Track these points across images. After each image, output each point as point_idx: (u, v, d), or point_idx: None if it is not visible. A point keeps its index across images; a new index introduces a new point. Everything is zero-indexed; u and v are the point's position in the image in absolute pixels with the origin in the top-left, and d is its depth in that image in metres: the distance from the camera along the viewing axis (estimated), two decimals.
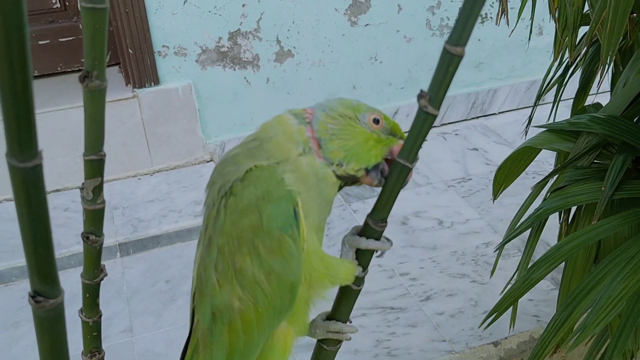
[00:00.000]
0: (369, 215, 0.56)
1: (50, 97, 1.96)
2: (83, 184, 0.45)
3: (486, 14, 2.25)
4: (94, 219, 0.48)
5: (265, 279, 0.51)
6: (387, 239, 0.57)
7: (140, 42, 1.91)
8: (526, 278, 0.84)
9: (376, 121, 0.56)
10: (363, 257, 0.57)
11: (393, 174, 0.53)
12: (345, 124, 0.55)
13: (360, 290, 0.59)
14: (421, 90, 0.46)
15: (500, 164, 1.11)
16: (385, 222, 0.56)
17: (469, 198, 1.92)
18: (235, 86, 2.10)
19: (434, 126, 2.35)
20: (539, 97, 1.36)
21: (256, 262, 0.50)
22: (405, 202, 1.92)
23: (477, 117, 2.41)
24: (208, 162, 2.11)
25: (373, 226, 0.56)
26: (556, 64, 1.25)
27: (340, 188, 0.56)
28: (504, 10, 0.97)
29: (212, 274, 0.51)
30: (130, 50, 1.91)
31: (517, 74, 2.39)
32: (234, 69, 2.07)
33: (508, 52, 2.34)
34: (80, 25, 2.03)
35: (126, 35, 1.89)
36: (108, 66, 2.15)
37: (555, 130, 1.03)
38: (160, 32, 1.94)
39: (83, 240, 0.49)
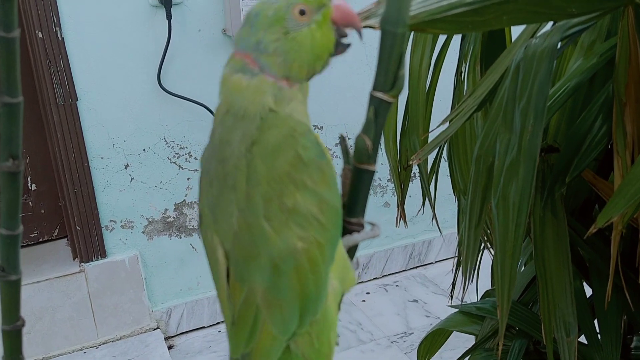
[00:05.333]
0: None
1: None
2: None
3: (414, 173, 2.45)
4: None
5: (319, 210, 0.49)
6: (372, 223, 0.56)
7: (88, 218, 2.00)
8: None
9: (302, 12, 0.50)
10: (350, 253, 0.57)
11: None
12: (287, 47, 0.50)
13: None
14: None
15: (420, 342, 1.20)
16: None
17: (411, 354, 1.98)
18: (182, 253, 2.18)
19: (376, 277, 2.46)
20: (457, 268, 1.48)
21: (307, 196, 0.48)
22: None
23: (416, 267, 2.54)
24: (154, 329, 2.13)
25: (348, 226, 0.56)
26: None
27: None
28: (401, 216, 1.11)
29: (263, 225, 0.48)
30: (77, 227, 1.99)
31: (448, 224, 2.55)
32: (180, 237, 2.16)
33: (438, 206, 2.51)
34: (29, 203, 2.12)
35: (74, 213, 1.98)
36: (56, 239, 2.22)
37: (465, 312, 1.14)
38: (108, 208, 2.04)
39: None
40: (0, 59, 0.35)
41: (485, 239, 1.14)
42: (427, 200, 1.39)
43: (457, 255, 1.29)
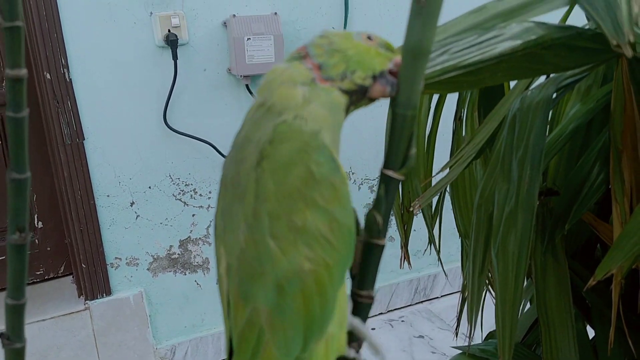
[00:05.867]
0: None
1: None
2: None
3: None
4: None
5: (329, 230, 0.47)
6: (376, 349, 0.54)
7: (93, 256, 2.01)
8: None
9: (370, 38, 0.53)
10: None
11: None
12: (341, 40, 0.52)
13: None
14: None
15: None
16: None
17: None
18: (186, 290, 2.18)
19: (381, 313, 2.45)
20: (462, 305, 1.47)
21: (317, 215, 0.47)
22: None
23: (422, 302, 2.53)
24: None
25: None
26: None
27: (348, 110, 0.53)
28: (406, 257, 1.12)
29: (269, 244, 0.46)
30: (83, 265, 2.00)
31: (453, 258, 2.55)
32: (185, 274, 2.17)
33: (443, 240, 2.51)
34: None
35: (80, 251, 1.99)
36: (62, 276, 2.23)
37: (470, 354, 1.13)
38: (113, 246, 2.05)
39: None
40: (9, 137, 0.37)
41: (487, 282, 1.14)
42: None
43: (462, 290, 1.29)
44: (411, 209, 0.79)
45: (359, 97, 0.52)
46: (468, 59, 0.54)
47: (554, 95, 0.72)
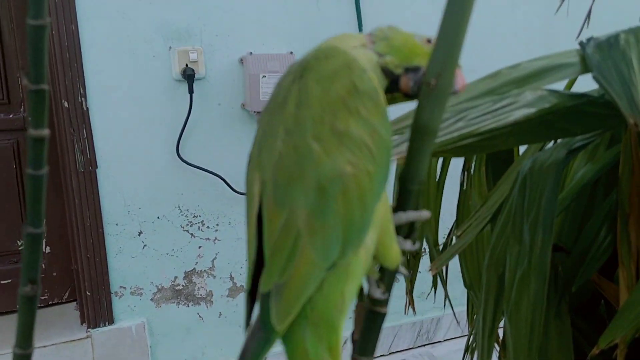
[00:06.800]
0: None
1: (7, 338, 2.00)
2: None
3: (424, 248, 2.45)
4: None
5: (371, 139, 0.48)
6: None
7: (98, 284, 2.01)
8: None
9: (429, 41, 0.55)
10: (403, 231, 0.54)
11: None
12: (398, 32, 0.56)
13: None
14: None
15: None
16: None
17: None
18: (188, 322, 2.17)
19: (383, 355, 2.43)
20: (465, 353, 1.46)
21: (360, 123, 0.48)
22: None
23: (424, 345, 2.50)
24: None
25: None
26: None
27: (384, 88, 0.55)
28: (410, 303, 1.11)
29: (311, 145, 0.47)
30: (88, 292, 2.00)
31: (458, 302, 2.52)
32: (188, 305, 2.16)
33: (448, 284, 2.50)
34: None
35: (85, 278, 1.99)
36: (66, 302, 2.23)
37: None
38: (119, 274, 2.05)
39: None
40: (27, 193, 0.38)
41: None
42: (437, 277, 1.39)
43: (467, 341, 1.28)
44: (429, 271, 0.80)
45: (393, 85, 0.54)
46: (484, 126, 0.55)
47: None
